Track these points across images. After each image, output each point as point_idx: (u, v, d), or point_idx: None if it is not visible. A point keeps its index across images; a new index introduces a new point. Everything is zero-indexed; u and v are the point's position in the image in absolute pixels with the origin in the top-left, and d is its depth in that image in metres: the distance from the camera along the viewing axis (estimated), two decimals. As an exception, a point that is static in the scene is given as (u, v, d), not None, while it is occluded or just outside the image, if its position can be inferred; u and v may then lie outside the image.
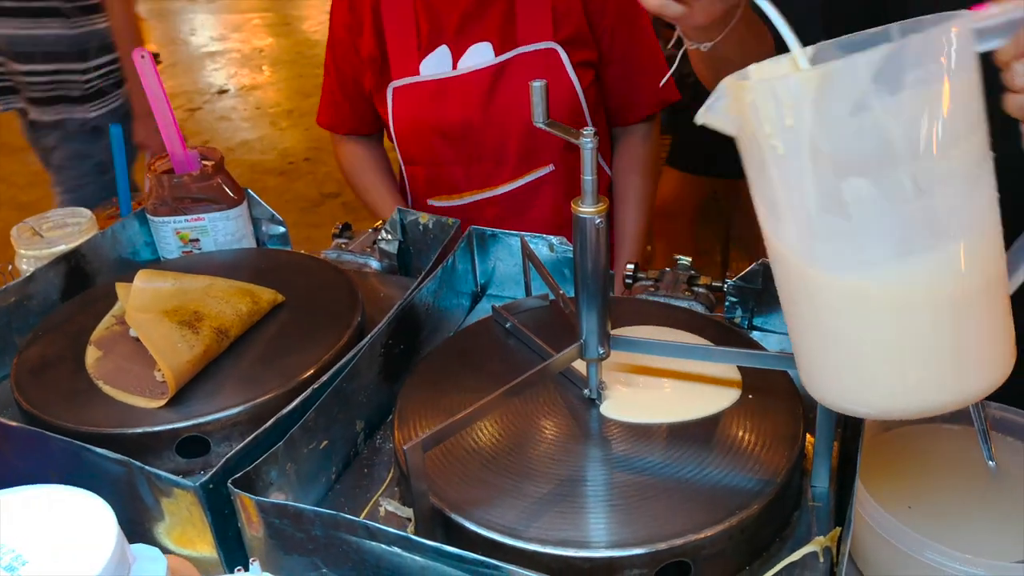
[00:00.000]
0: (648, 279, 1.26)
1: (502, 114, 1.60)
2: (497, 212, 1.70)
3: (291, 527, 0.79)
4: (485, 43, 1.62)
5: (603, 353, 0.91)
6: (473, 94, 1.62)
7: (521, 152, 1.62)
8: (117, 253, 1.36)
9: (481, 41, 1.62)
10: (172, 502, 0.84)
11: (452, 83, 1.62)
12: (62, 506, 0.65)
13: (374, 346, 1.01)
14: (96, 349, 1.08)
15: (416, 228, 1.36)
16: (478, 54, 1.62)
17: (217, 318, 1.07)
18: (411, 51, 1.64)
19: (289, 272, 1.25)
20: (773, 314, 1.17)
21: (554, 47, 1.60)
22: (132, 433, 0.96)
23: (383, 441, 1.02)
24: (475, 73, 1.62)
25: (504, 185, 1.68)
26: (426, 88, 1.63)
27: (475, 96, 1.62)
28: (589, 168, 0.82)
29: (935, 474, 0.98)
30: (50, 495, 0.66)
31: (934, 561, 0.83)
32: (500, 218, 1.69)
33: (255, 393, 1.00)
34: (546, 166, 1.66)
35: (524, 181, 1.67)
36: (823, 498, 0.89)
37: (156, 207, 1.34)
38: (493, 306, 1.14)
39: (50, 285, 1.24)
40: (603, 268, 0.86)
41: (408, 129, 1.67)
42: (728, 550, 0.79)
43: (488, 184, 1.69)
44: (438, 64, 1.64)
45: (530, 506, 0.82)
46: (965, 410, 1.01)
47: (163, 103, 1.33)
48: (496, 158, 1.65)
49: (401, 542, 0.74)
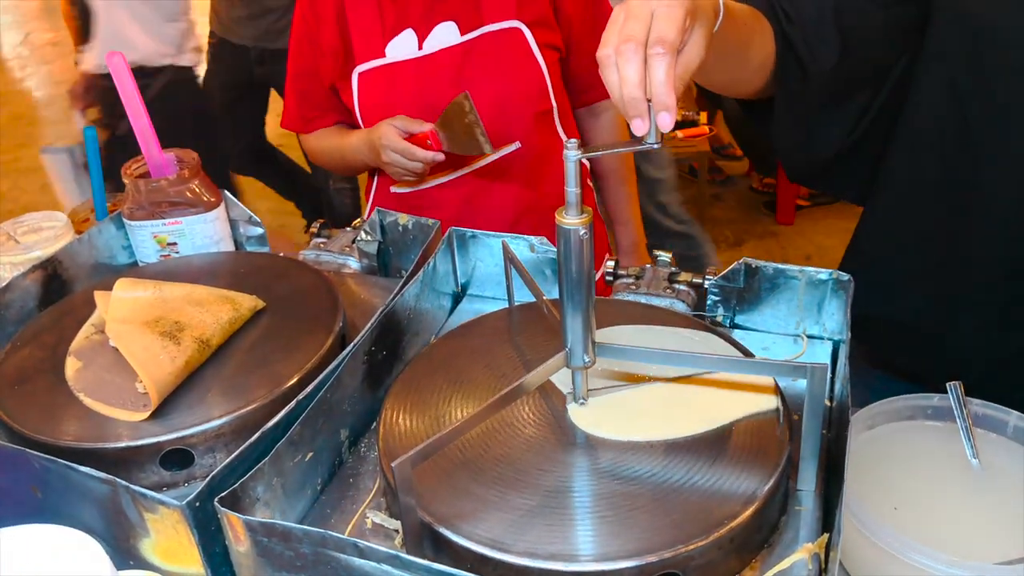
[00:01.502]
0: (628, 276, 1.26)
1: (470, 92, 1.60)
2: (464, 194, 1.72)
3: (279, 545, 0.78)
4: (450, 23, 1.63)
5: (588, 361, 0.91)
6: (440, 74, 1.63)
7: (488, 130, 1.61)
8: (94, 258, 1.35)
9: (446, 21, 1.63)
10: (158, 519, 0.84)
11: (418, 64, 1.63)
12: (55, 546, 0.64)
13: (357, 354, 1.00)
14: (76, 360, 1.07)
15: (395, 228, 1.36)
16: (443, 34, 1.63)
17: (198, 328, 1.06)
18: (376, 35, 1.65)
19: (268, 276, 1.24)
20: (755, 312, 1.17)
21: (519, 26, 1.62)
22: (115, 447, 0.95)
23: (367, 450, 1.02)
24: (441, 53, 1.63)
25: (471, 164, 1.69)
26: (392, 70, 1.64)
27: (442, 76, 1.63)
28: (573, 180, 0.82)
29: (919, 473, 0.99)
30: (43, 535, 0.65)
31: (919, 563, 0.84)
32: (468, 200, 1.71)
33: (238, 404, 0.99)
34: (512, 144, 1.69)
35: (490, 159, 1.69)
36: (810, 501, 0.90)
37: (133, 211, 1.32)
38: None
39: (27, 293, 1.22)
40: (587, 277, 0.86)
41: (375, 113, 1.67)
42: (717, 560, 0.79)
43: (456, 166, 1.70)
44: (404, 46, 1.64)
45: (518, 519, 0.82)
46: (948, 406, 1.02)
47: (138, 105, 1.31)
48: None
49: (391, 560, 0.73)
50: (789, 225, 4.66)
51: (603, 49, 0.85)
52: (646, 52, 0.82)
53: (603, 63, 0.85)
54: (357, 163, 1.79)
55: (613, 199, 1.96)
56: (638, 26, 0.83)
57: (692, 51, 0.87)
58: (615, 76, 0.84)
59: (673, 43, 0.82)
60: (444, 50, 1.64)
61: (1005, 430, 1.01)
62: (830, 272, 1.10)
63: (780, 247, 4.45)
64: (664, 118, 0.82)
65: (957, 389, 1.02)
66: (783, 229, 4.64)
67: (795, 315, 1.15)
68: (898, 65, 1.18)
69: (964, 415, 1.01)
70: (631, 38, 0.83)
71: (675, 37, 0.82)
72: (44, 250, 1.37)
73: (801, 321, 1.16)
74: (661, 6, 0.84)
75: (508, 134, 1.68)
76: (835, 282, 1.10)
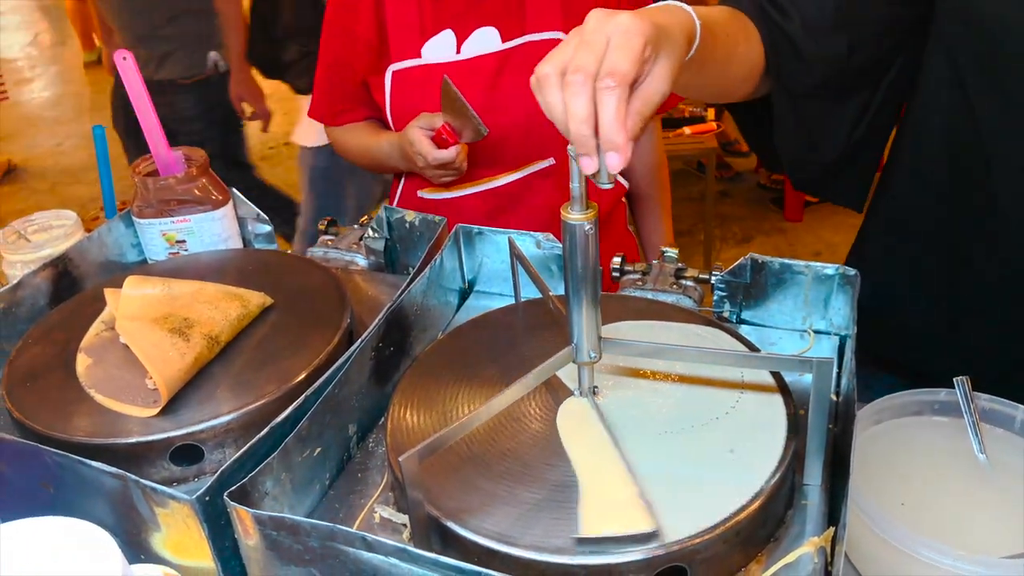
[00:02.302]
0: (635, 272, 1.26)
1: (505, 102, 1.56)
2: (490, 206, 1.66)
3: (288, 538, 0.79)
4: (491, 28, 1.58)
5: (595, 357, 0.91)
6: (476, 81, 1.58)
7: (522, 144, 1.59)
8: (104, 256, 1.35)
9: (486, 25, 1.58)
10: (168, 514, 0.84)
11: (455, 68, 1.57)
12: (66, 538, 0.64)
13: (364, 350, 1.01)
14: (87, 356, 1.08)
15: (402, 225, 1.36)
16: (483, 39, 1.58)
17: (207, 324, 1.07)
18: (413, 33, 1.59)
19: (276, 273, 1.25)
20: (762, 308, 1.18)
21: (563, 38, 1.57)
22: (126, 443, 0.96)
23: (375, 445, 1.02)
24: (480, 59, 1.58)
25: (501, 177, 1.64)
26: (428, 72, 1.59)
27: (478, 83, 1.57)
28: (577, 176, 0.82)
29: (926, 468, 0.99)
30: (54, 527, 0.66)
31: (927, 557, 0.84)
32: (491, 214, 1.66)
33: (247, 400, 1.00)
34: (546, 159, 1.64)
35: (522, 174, 1.64)
36: (816, 496, 0.90)
37: (142, 209, 1.33)
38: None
39: (38, 291, 1.23)
40: (593, 273, 0.86)
41: (406, 114, 1.61)
42: (723, 553, 0.80)
43: (484, 176, 1.65)
44: (441, 48, 1.59)
45: (525, 513, 0.82)
46: (955, 402, 1.02)
47: (146, 104, 1.32)
48: (495, 149, 1.60)
49: (399, 554, 0.74)
50: (798, 222, 4.66)
51: (544, 67, 0.79)
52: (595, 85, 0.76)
53: (541, 82, 0.79)
54: (389, 167, 1.74)
55: (647, 226, 1.89)
56: (589, 56, 0.77)
57: (654, 84, 0.80)
58: (555, 100, 0.78)
59: (625, 75, 0.76)
60: (483, 56, 1.58)
61: (1012, 425, 1.01)
62: (836, 267, 1.10)
63: (788, 244, 4.45)
64: (612, 159, 0.76)
65: (964, 384, 1.02)
66: (791, 226, 4.64)
67: (802, 310, 1.16)
68: (896, 64, 1.17)
69: (971, 410, 1.01)
70: (580, 68, 0.76)
71: (628, 69, 0.76)
72: (54, 248, 1.38)
73: (808, 316, 1.16)
74: (617, 33, 0.77)
75: (541, 148, 1.62)
76: (841, 277, 1.11)
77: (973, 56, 1.08)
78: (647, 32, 0.78)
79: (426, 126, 1.54)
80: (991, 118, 1.08)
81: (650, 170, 1.84)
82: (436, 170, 1.57)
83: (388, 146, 1.67)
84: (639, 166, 1.83)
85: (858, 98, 1.20)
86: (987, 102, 1.08)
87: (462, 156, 1.54)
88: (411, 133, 1.55)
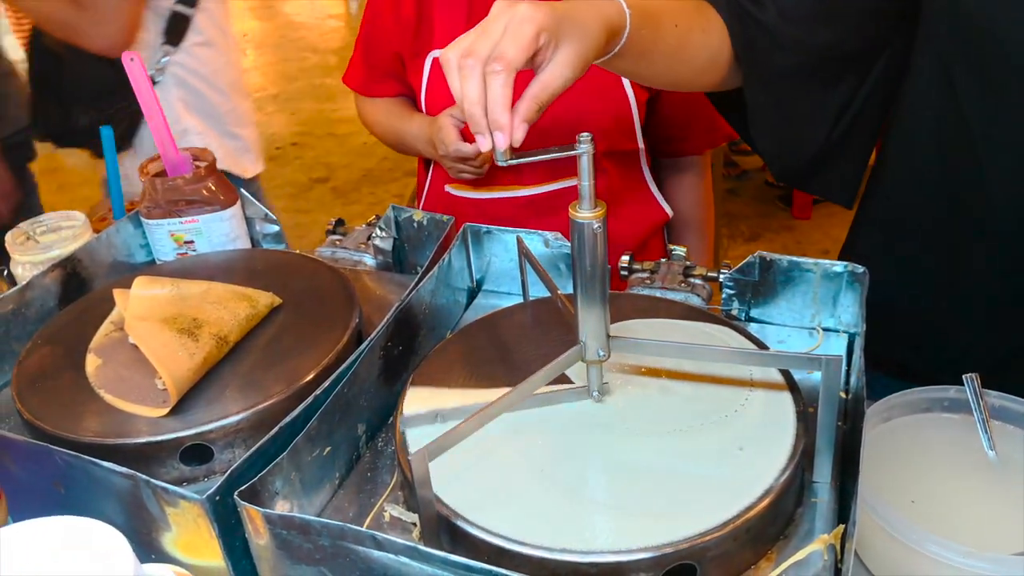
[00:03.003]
0: (643, 270, 1.26)
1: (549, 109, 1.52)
2: (518, 214, 1.62)
3: (298, 537, 0.79)
4: None
5: (603, 355, 0.91)
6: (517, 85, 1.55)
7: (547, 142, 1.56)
8: (112, 257, 1.36)
9: None
10: (179, 513, 0.85)
11: None
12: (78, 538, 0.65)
13: (373, 349, 1.01)
14: (96, 357, 1.08)
15: (410, 225, 1.36)
16: None
17: (216, 324, 1.07)
18: (459, 22, 1.56)
19: (285, 273, 1.25)
20: (771, 306, 1.17)
21: None
22: (135, 443, 0.96)
23: (385, 444, 1.03)
24: None
25: (533, 187, 1.60)
26: None
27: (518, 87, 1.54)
28: (586, 174, 0.83)
29: (936, 465, 0.99)
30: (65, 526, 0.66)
31: (937, 554, 0.84)
32: (519, 221, 1.59)
33: (256, 399, 1.00)
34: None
35: (556, 187, 1.60)
36: (825, 493, 0.90)
37: (150, 210, 1.33)
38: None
39: (47, 292, 1.24)
40: (602, 272, 0.87)
41: (440, 102, 1.59)
42: (733, 551, 0.80)
43: (516, 182, 1.61)
44: None
45: (535, 511, 0.83)
46: (965, 399, 1.02)
47: (153, 105, 1.32)
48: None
49: (408, 552, 0.74)
50: (806, 219, 4.65)
51: (447, 51, 0.86)
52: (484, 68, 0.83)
53: (444, 65, 0.86)
54: (413, 149, 1.73)
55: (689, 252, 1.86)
56: (484, 40, 0.84)
57: (554, 70, 0.87)
58: (455, 83, 0.85)
59: (511, 61, 0.82)
60: None
61: (1023, 422, 1.01)
62: (845, 264, 1.10)
63: (796, 242, 4.44)
64: (497, 138, 0.84)
65: (974, 381, 1.02)
66: (799, 223, 4.63)
67: (810, 308, 1.15)
68: (882, 57, 1.16)
69: (981, 407, 1.01)
70: (471, 52, 0.83)
71: (514, 55, 0.82)
72: (63, 249, 1.38)
73: (816, 314, 1.16)
74: (513, 22, 0.84)
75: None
76: (850, 274, 1.10)
77: (962, 55, 1.07)
78: (541, 20, 0.84)
79: (459, 116, 1.53)
80: (981, 117, 1.08)
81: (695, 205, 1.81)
82: (455, 163, 1.56)
83: (417, 128, 1.66)
84: (684, 200, 1.79)
85: (841, 89, 1.19)
86: (976, 101, 1.08)
87: (484, 158, 1.53)
88: (442, 119, 1.54)
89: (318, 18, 9.11)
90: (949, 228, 1.17)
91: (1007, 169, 1.08)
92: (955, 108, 1.09)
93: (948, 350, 1.22)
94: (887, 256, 1.26)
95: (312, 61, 7.69)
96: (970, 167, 1.11)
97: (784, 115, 1.21)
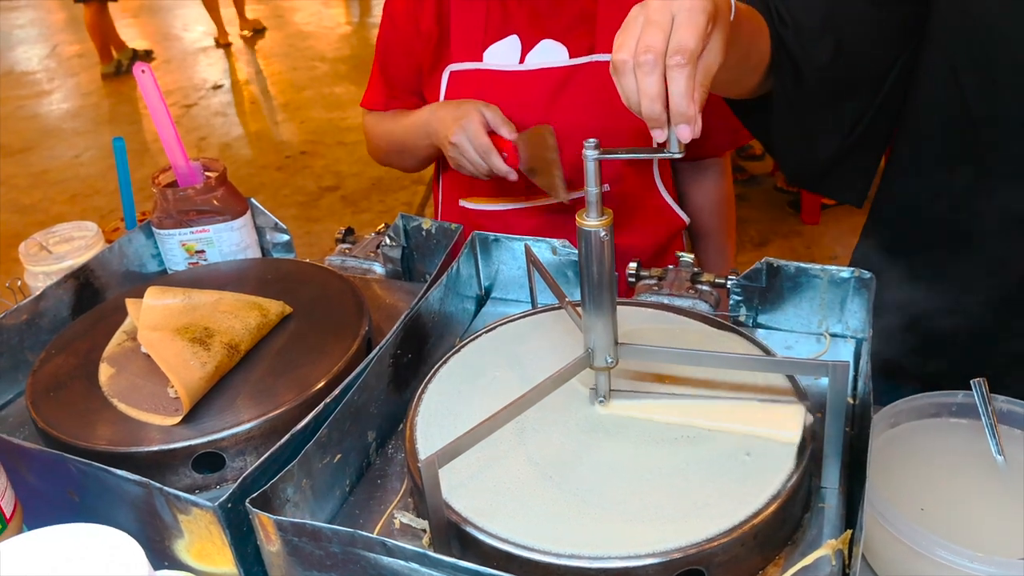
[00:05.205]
0: (651, 277, 1.27)
1: (563, 120, 1.48)
2: (532, 225, 1.60)
3: (309, 544, 0.80)
4: (558, 43, 1.52)
5: (611, 362, 0.92)
6: (536, 94, 1.52)
7: (576, 166, 1.53)
8: (125, 267, 1.37)
9: (554, 39, 1.52)
10: (191, 520, 0.86)
11: (516, 77, 1.52)
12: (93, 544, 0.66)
13: (383, 357, 1.02)
14: (109, 366, 1.09)
15: (419, 233, 1.37)
16: (548, 52, 1.52)
17: (227, 333, 1.08)
18: (477, 34, 1.54)
19: (295, 282, 1.26)
20: (778, 312, 1.18)
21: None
22: (148, 451, 0.97)
23: (395, 451, 1.03)
24: (544, 71, 1.52)
25: (547, 199, 1.56)
26: (487, 78, 1.53)
27: (538, 97, 1.52)
28: (593, 180, 0.83)
29: (944, 470, 0.99)
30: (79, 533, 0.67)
31: (945, 559, 0.84)
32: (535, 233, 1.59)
33: (268, 407, 1.01)
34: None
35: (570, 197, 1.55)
36: (833, 499, 0.91)
37: (161, 220, 1.35)
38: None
39: (60, 302, 1.25)
40: (609, 279, 0.87)
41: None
42: (741, 556, 0.80)
43: (530, 195, 1.58)
44: (504, 54, 1.53)
45: (544, 517, 0.83)
46: (972, 404, 1.02)
47: (164, 116, 1.33)
48: None
49: (419, 558, 0.75)
50: (815, 225, 4.64)
51: (619, 54, 0.83)
52: (665, 62, 0.81)
53: (619, 69, 0.83)
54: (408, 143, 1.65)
55: (707, 263, 1.81)
56: (658, 34, 0.81)
57: (712, 56, 0.85)
58: (632, 84, 0.83)
59: (694, 52, 0.80)
60: (547, 69, 1.51)
61: (1030, 427, 1.01)
62: (852, 270, 1.11)
63: (805, 247, 4.43)
64: (684, 131, 0.82)
65: (981, 386, 1.02)
66: (808, 229, 4.62)
67: (818, 314, 1.16)
68: (896, 66, 1.17)
69: (989, 412, 1.01)
70: (650, 48, 0.80)
71: (696, 45, 0.80)
72: (76, 259, 1.39)
73: (824, 320, 1.16)
74: (683, 10, 0.81)
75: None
76: (857, 280, 1.11)
77: (968, 56, 1.07)
78: (708, 8, 0.82)
79: (492, 119, 1.46)
80: (988, 118, 1.08)
81: (716, 207, 1.78)
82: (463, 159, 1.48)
83: (419, 115, 1.60)
84: (705, 203, 1.77)
85: (856, 100, 1.19)
86: (983, 102, 1.08)
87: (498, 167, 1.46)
88: (471, 109, 1.47)
89: (327, 27, 9.14)
90: (956, 230, 1.17)
91: (1013, 171, 1.08)
92: (963, 109, 1.09)
93: (955, 354, 1.22)
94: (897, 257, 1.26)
95: (321, 70, 7.72)
96: (978, 167, 1.11)
97: (803, 124, 1.21)
